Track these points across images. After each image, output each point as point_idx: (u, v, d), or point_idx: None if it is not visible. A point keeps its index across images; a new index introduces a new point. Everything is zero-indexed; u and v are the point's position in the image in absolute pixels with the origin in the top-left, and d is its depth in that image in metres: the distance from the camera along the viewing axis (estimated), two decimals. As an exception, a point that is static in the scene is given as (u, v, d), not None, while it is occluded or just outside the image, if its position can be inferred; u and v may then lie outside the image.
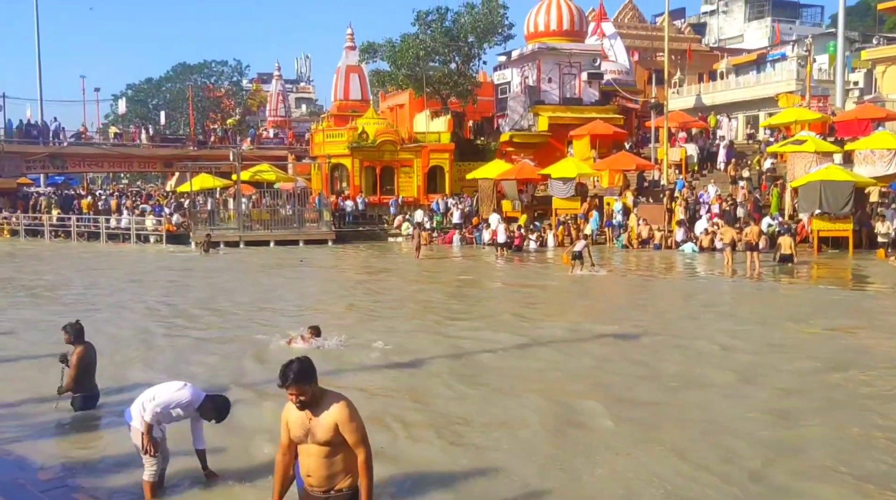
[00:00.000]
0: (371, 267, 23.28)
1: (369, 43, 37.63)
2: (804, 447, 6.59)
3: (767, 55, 45.59)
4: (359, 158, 34.02)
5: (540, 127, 36.72)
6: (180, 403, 5.57)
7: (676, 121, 31.88)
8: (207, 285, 17.97)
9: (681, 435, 6.88)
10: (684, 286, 17.92)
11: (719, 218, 24.39)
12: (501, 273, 21.32)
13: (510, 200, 31.08)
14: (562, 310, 14.45)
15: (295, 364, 3.97)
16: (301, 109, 75.23)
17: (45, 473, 6.22)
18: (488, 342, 11.00)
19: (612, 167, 29.55)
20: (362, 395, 7.97)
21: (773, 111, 35.55)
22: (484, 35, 36.50)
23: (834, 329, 11.76)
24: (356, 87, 45.54)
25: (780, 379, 8.76)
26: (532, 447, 6.69)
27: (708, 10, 66.60)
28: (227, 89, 68.17)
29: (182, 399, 5.57)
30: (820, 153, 23.60)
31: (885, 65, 33.94)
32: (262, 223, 30.42)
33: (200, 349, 10.92)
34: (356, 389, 8.13)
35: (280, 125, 52.27)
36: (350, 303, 15.55)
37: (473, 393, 8.42)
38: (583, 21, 38.79)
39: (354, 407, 4.06)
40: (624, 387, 8.57)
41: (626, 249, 25.75)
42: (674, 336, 11.36)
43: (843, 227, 21.12)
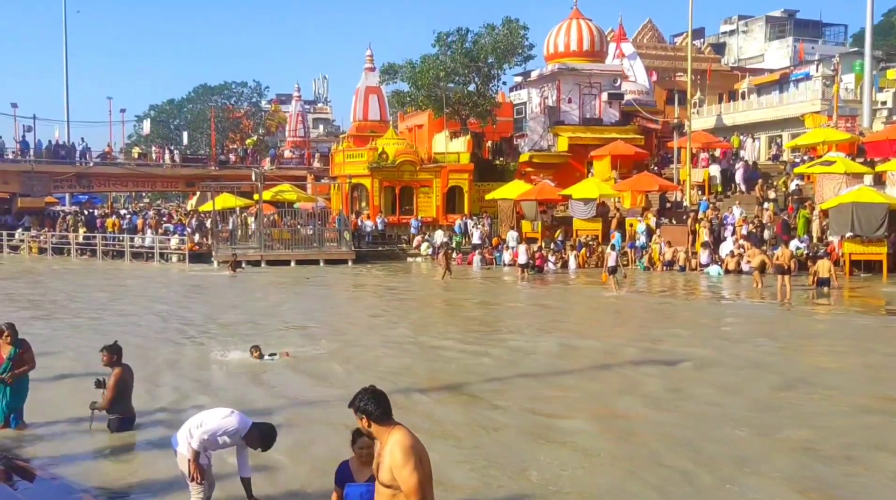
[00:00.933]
0: (384, 287, 23.39)
1: (390, 64, 37.76)
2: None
3: (791, 75, 45.24)
4: (378, 178, 34.01)
5: (560, 147, 36.60)
6: (227, 430, 5.48)
7: (699, 141, 31.59)
8: (215, 302, 18.31)
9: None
10: (724, 311, 17.50)
11: (745, 240, 24.02)
12: (522, 296, 21.03)
13: (530, 220, 30.86)
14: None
15: (362, 393, 3.83)
16: (319, 130, 75.60)
17: (91, 498, 6.13)
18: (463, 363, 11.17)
19: (635, 188, 29.25)
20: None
21: (797, 131, 35.18)
22: (504, 56, 36.51)
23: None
24: (375, 107, 45.64)
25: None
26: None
27: (727, 31, 66.45)
28: (246, 110, 68.77)
29: (229, 427, 5.48)
30: (850, 174, 23.23)
31: (911, 85, 33.54)
32: (283, 243, 30.42)
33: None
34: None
35: (299, 145, 52.49)
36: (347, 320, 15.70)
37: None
38: (603, 41, 38.79)
39: (412, 449, 3.65)
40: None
41: (648, 270, 25.37)
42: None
43: (877, 250, 20.68)
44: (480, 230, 31.18)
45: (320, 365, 11.18)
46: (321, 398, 9.16)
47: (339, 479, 4.81)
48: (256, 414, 6.76)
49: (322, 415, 8.46)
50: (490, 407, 8.77)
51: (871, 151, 26.41)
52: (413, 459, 3.61)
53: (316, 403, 9.01)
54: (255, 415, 6.27)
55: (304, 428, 7.97)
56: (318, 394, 9.47)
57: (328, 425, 8.01)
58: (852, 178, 23.21)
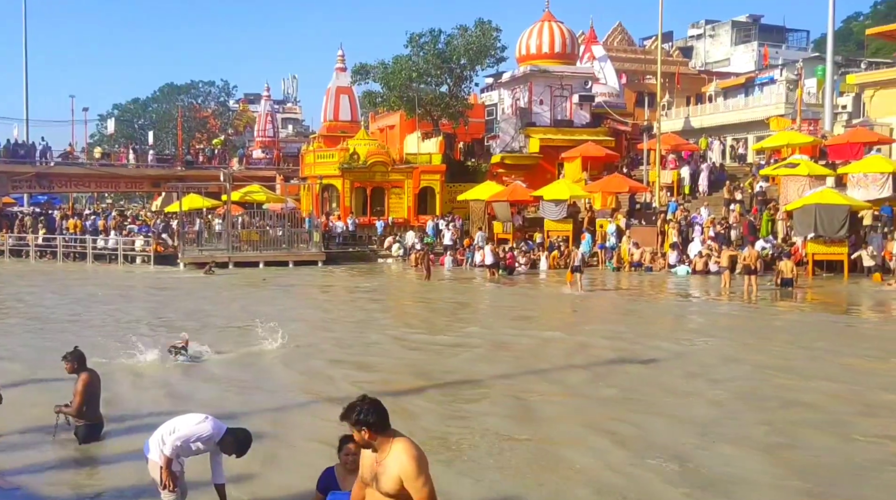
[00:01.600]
0: (348, 287, 23.43)
1: (361, 64, 37.65)
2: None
3: (756, 79, 46.05)
4: (349, 179, 33.84)
5: (531, 149, 36.76)
6: (201, 436, 5.36)
7: (668, 143, 31.99)
8: (186, 302, 17.95)
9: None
10: (694, 309, 17.77)
11: (713, 241, 24.37)
12: (487, 295, 21.10)
13: (501, 221, 30.95)
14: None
15: (358, 404, 3.70)
16: (288, 130, 75.03)
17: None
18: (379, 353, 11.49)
19: (605, 189, 29.55)
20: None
21: (762, 134, 35.82)
22: (476, 57, 36.59)
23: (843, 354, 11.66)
24: (346, 108, 45.41)
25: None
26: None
27: (695, 34, 67.40)
28: (213, 110, 68.01)
29: (203, 433, 5.36)
30: (813, 177, 23.69)
31: (873, 89, 34.30)
32: (252, 244, 30.07)
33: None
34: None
35: (268, 146, 51.99)
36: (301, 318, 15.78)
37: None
38: (574, 44, 39.06)
39: (424, 458, 3.65)
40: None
41: (618, 271, 25.62)
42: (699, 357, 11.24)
43: (838, 250, 21.15)
44: (452, 231, 31.18)
45: (263, 363, 11.31)
46: (279, 401, 9.08)
47: (321, 485, 4.73)
48: (226, 418, 6.64)
49: (289, 419, 8.37)
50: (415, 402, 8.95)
51: (833, 153, 26.99)
52: (426, 469, 3.61)
53: (286, 407, 8.92)
54: (225, 419, 6.16)
55: (275, 434, 7.87)
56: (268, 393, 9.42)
57: (295, 429, 7.93)
58: (815, 180, 23.68)
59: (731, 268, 18.88)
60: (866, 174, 22.81)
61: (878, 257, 20.65)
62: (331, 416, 7.86)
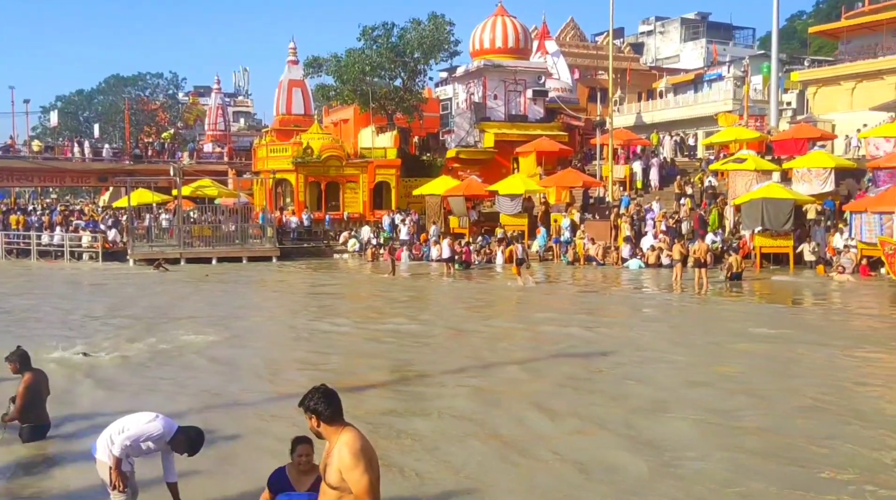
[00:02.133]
0: (298, 282, 23.29)
1: (314, 57, 37.29)
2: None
3: (704, 75, 47.02)
4: (303, 173, 33.46)
5: (486, 143, 36.87)
6: (151, 436, 5.23)
7: (620, 139, 32.45)
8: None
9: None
10: (645, 302, 18.10)
11: (664, 235, 24.84)
12: (444, 288, 21.15)
13: (457, 216, 31.02)
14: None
15: (313, 392, 3.75)
16: (239, 123, 73.82)
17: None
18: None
19: (560, 184, 29.83)
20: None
21: (711, 130, 36.65)
22: (430, 51, 36.54)
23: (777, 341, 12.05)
24: (299, 101, 44.89)
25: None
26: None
27: (645, 31, 68.51)
28: (162, 102, 66.51)
29: (153, 432, 5.23)
30: (759, 171, 24.30)
31: (816, 86, 35.40)
32: (204, 240, 29.54)
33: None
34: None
35: (219, 139, 51.07)
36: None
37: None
38: (527, 39, 39.27)
39: (362, 451, 3.61)
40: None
41: (573, 265, 25.91)
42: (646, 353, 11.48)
43: (784, 243, 21.76)
44: (408, 226, 31.13)
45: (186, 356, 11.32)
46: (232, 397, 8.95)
47: (272, 485, 4.66)
48: (175, 417, 6.51)
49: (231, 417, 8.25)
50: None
51: (779, 149, 27.75)
52: (364, 461, 3.57)
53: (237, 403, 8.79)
54: (175, 417, 6.03)
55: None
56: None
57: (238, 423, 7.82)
58: (762, 175, 24.30)
59: (682, 261, 19.24)
60: (810, 169, 23.50)
61: (822, 249, 21.31)
62: (284, 413, 7.88)
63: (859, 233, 19.63)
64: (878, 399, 8.84)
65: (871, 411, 8.24)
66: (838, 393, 8.91)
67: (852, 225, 20.06)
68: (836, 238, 21.30)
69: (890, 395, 9.11)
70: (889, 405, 8.60)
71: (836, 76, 34.65)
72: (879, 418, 7.98)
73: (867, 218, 19.20)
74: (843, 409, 8.24)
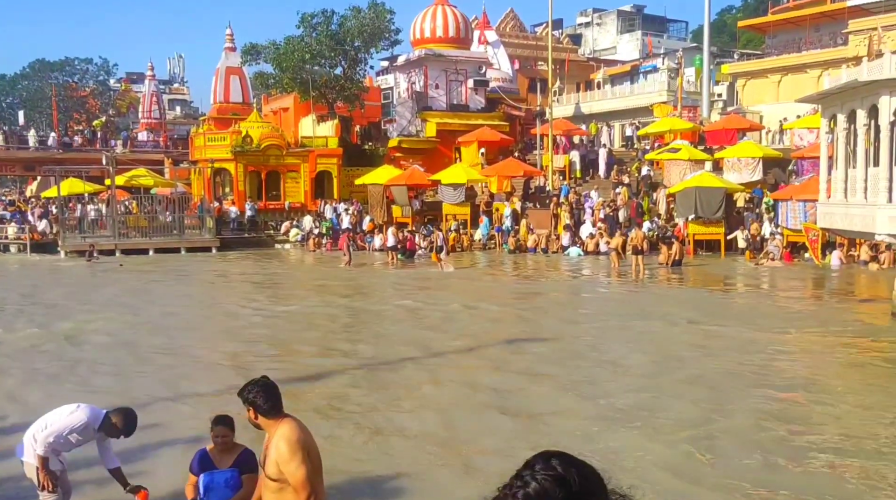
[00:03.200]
0: (229, 272, 22.98)
1: (252, 44, 36.53)
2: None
3: (640, 67, 48.08)
4: (243, 162, 32.90)
5: (428, 133, 36.95)
6: (76, 427, 4.97)
7: (560, 129, 32.98)
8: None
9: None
10: (583, 288, 18.57)
11: (603, 223, 25.45)
12: (387, 277, 21.25)
13: (400, 205, 31.04)
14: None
15: (251, 383, 3.72)
16: (175, 111, 71.89)
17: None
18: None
19: (501, 173, 30.15)
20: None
21: (647, 120, 37.59)
22: (370, 39, 36.31)
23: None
24: (237, 89, 43.99)
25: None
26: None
27: (583, 22, 69.50)
28: (92, 89, 64.09)
29: (77, 422, 4.97)
30: (693, 161, 25.11)
31: (745, 78, 36.66)
32: (140, 230, 28.83)
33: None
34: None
35: (154, 128, 49.63)
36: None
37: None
38: (468, 28, 39.45)
39: (299, 442, 3.56)
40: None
41: (513, 253, 26.22)
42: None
43: (716, 231, 22.54)
44: (351, 216, 31.02)
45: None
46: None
47: (195, 467, 4.66)
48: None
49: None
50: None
51: (711, 139, 28.70)
52: (300, 452, 3.53)
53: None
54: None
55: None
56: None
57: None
58: (695, 164, 25.12)
59: (621, 249, 19.80)
60: (740, 159, 24.41)
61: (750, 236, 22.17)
62: (207, 402, 7.95)
63: (785, 220, 20.50)
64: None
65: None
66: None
67: (778, 213, 20.93)
68: (765, 226, 22.18)
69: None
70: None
71: (763, 69, 35.96)
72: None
73: (792, 206, 20.06)
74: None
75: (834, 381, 9.24)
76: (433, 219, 30.87)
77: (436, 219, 30.69)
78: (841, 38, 33.48)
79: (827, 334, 11.82)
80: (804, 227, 19.76)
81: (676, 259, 19.77)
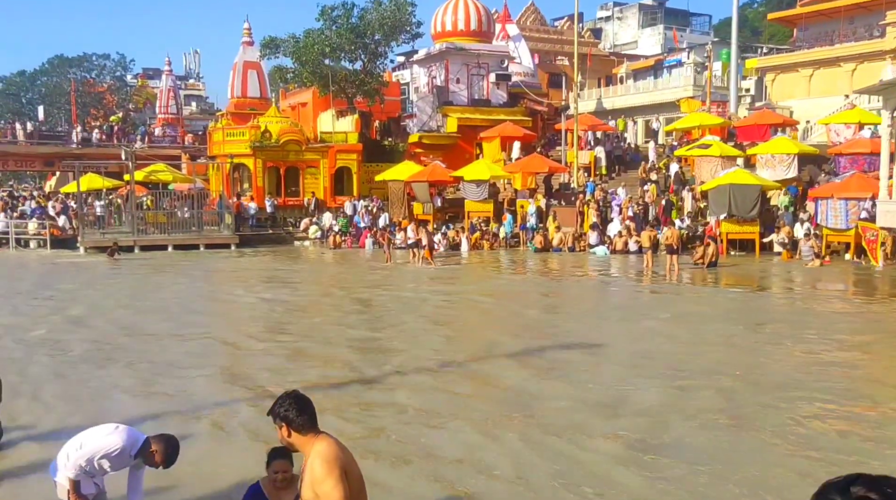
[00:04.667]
0: (246, 269, 22.41)
1: (271, 37, 36.05)
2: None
3: (664, 61, 47.21)
4: (262, 158, 32.49)
5: (449, 128, 36.36)
6: (111, 451, 4.50)
7: (585, 124, 32.29)
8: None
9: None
10: (615, 289, 17.91)
11: (631, 221, 24.74)
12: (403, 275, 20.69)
13: (421, 202, 30.49)
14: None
15: (282, 398, 3.35)
16: (191, 107, 71.67)
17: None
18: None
19: (525, 170, 29.51)
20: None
21: (671, 116, 36.80)
22: (391, 33, 35.74)
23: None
24: (254, 84, 43.54)
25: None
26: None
27: (603, 16, 68.59)
28: (109, 84, 64.10)
29: (113, 446, 4.50)
30: (724, 158, 24.34)
31: (774, 73, 35.72)
32: (159, 227, 28.48)
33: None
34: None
35: (171, 123, 49.37)
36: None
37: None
38: (490, 22, 38.80)
39: (336, 461, 3.20)
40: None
41: (539, 252, 25.48)
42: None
43: (751, 229, 21.70)
44: (371, 213, 30.51)
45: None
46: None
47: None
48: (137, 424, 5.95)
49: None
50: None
51: (742, 135, 27.85)
52: (336, 471, 3.15)
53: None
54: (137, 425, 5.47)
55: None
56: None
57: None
58: (726, 160, 24.33)
59: (652, 248, 19.11)
60: (774, 155, 23.59)
61: (790, 232, 21.22)
62: (253, 418, 7.36)
63: (825, 219, 19.62)
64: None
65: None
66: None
67: (818, 211, 20.02)
68: (797, 226, 21.29)
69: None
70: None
71: (794, 63, 35.01)
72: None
73: (833, 204, 19.21)
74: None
75: None
76: (454, 216, 30.32)
77: (457, 216, 30.17)
78: (878, 30, 32.46)
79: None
80: (861, 226, 18.70)
81: (713, 260, 18.86)
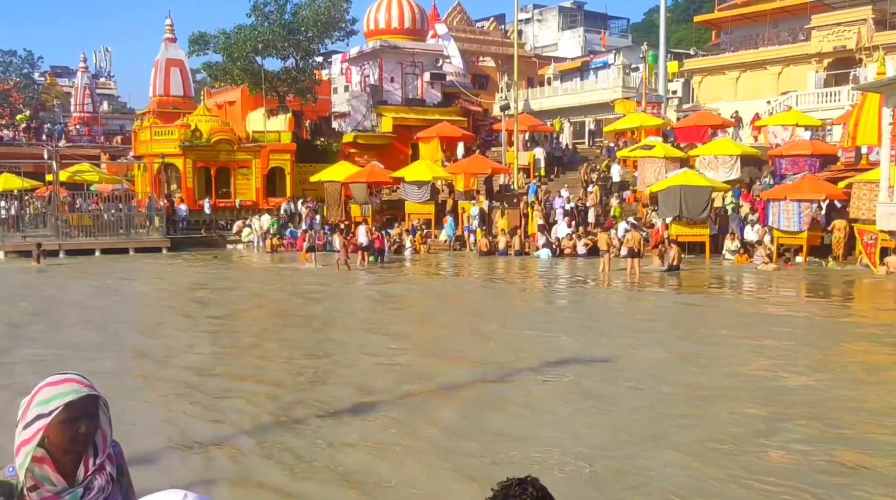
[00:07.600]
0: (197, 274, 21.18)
1: (200, 33, 34.45)
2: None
3: (591, 63, 48.06)
4: (192, 158, 31.02)
5: (384, 128, 35.79)
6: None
7: (524, 124, 32.37)
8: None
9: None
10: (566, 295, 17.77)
11: (579, 225, 24.78)
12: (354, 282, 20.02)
13: (359, 203, 29.79)
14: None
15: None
16: (104, 106, 68.15)
17: None
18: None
19: (467, 171, 29.24)
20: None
21: (600, 117, 37.44)
22: (325, 30, 34.80)
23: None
24: (178, 81, 41.66)
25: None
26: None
27: (524, 18, 69.15)
28: (16, 82, 60.04)
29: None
30: (668, 159, 24.78)
31: (701, 75, 36.88)
32: (84, 230, 26.69)
33: None
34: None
35: (87, 122, 46.58)
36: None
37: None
38: (424, 20, 38.48)
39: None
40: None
41: (484, 255, 24.53)
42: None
43: (701, 232, 21.89)
44: (309, 214, 29.59)
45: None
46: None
47: None
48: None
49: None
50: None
51: (681, 136, 28.41)
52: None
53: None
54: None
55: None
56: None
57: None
58: (670, 162, 24.76)
59: (607, 251, 19.03)
60: (716, 156, 24.15)
61: (739, 237, 21.46)
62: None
63: (776, 221, 19.98)
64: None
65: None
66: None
67: (769, 213, 20.39)
68: (747, 228, 21.68)
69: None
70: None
71: (720, 66, 36.23)
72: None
73: (786, 206, 19.65)
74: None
75: None
76: (392, 218, 29.77)
77: (396, 218, 29.62)
78: (802, 34, 33.99)
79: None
80: (858, 229, 18.62)
81: (674, 264, 18.82)
